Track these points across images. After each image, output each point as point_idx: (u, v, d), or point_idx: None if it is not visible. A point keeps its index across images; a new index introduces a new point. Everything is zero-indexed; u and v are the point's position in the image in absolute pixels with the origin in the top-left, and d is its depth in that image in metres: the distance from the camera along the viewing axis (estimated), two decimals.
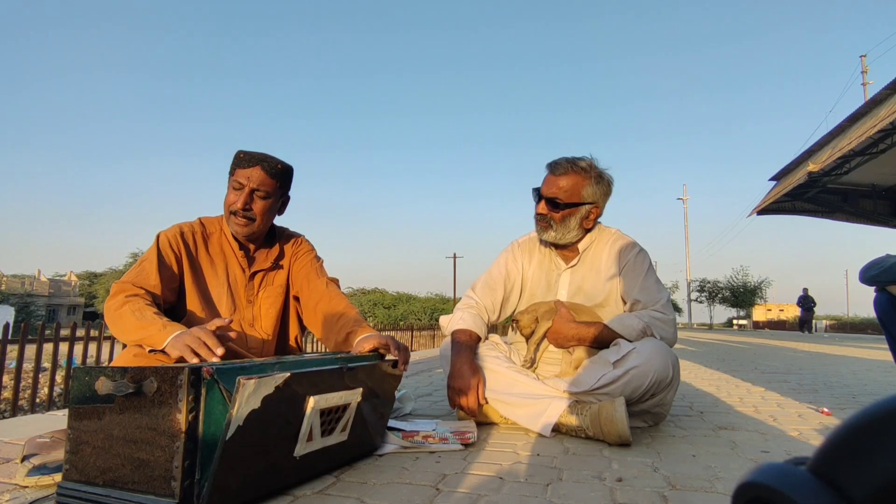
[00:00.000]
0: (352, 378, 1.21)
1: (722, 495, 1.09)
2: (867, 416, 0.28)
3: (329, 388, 1.14)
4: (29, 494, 1.06)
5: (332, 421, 1.17)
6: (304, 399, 1.08)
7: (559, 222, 1.81)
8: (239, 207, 1.56)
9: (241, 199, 1.55)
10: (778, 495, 0.29)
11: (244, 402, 0.92)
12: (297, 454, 1.09)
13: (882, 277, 1.83)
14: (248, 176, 1.56)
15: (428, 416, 1.92)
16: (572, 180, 1.78)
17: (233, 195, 1.57)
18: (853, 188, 11.91)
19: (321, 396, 1.10)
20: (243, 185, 1.56)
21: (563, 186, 1.78)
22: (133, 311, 1.37)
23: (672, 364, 1.64)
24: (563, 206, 1.79)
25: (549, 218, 1.81)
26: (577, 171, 1.78)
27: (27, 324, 4.63)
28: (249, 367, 1.04)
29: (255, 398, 0.94)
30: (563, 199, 1.78)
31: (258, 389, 0.94)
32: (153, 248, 1.53)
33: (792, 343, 9.35)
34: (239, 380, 0.91)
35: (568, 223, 1.81)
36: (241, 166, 1.56)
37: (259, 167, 1.56)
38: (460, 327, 1.83)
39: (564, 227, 1.81)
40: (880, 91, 8.11)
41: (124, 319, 1.37)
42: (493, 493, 1.09)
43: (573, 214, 1.80)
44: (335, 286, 1.71)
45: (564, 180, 1.78)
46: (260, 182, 1.56)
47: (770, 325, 43.73)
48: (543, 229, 1.84)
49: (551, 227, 1.82)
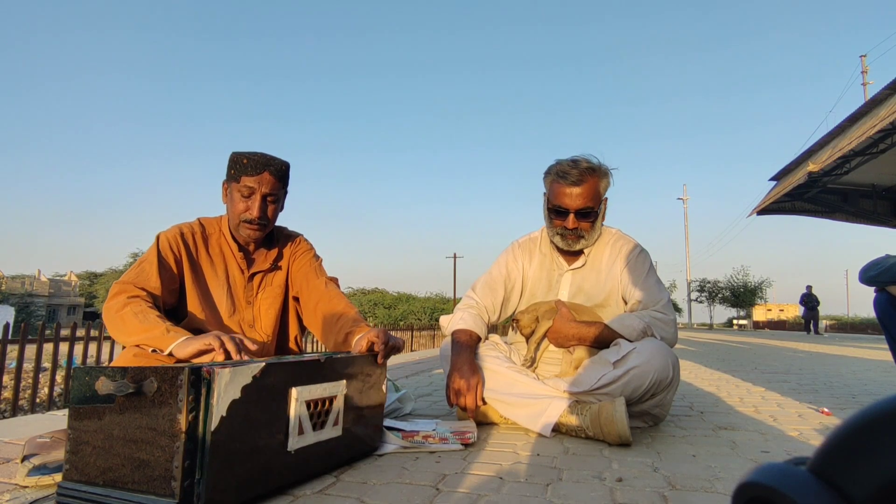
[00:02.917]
0: (332, 369, 1.23)
1: (722, 495, 1.09)
2: (867, 416, 0.28)
3: (310, 379, 1.16)
4: (29, 494, 1.06)
5: (322, 414, 1.19)
6: (286, 390, 1.10)
7: (590, 229, 1.81)
8: (256, 216, 1.53)
9: (258, 207, 1.52)
10: (778, 495, 0.29)
11: (223, 390, 0.94)
12: (292, 448, 1.10)
13: (882, 278, 1.83)
14: (257, 182, 1.52)
15: (428, 416, 1.92)
16: (591, 185, 1.76)
17: (243, 203, 1.53)
18: (853, 188, 11.90)
19: (304, 388, 1.13)
20: (253, 192, 1.53)
21: (586, 194, 1.75)
22: (135, 312, 1.35)
23: (672, 364, 1.64)
24: (594, 212, 1.79)
25: (579, 230, 1.79)
26: (590, 173, 1.76)
27: (27, 324, 4.63)
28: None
29: (234, 387, 0.97)
30: (592, 206, 1.77)
31: (234, 378, 0.97)
32: (153, 248, 1.51)
33: (792, 343, 9.35)
34: (214, 369, 0.94)
35: (596, 226, 1.83)
36: (248, 173, 1.52)
37: (267, 172, 1.53)
38: (460, 327, 1.83)
39: (594, 231, 1.83)
40: (880, 91, 8.10)
41: (126, 321, 1.35)
42: (493, 493, 1.09)
43: (599, 216, 1.82)
44: (334, 286, 1.71)
45: (586, 188, 1.75)
46: (271, 187, 1.55)
47: (770, 325, 43.72)
48: (574, 241, 1.81)
49: (583, 238, 1.81)
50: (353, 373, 1.31)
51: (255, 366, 1.02)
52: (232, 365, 0.99)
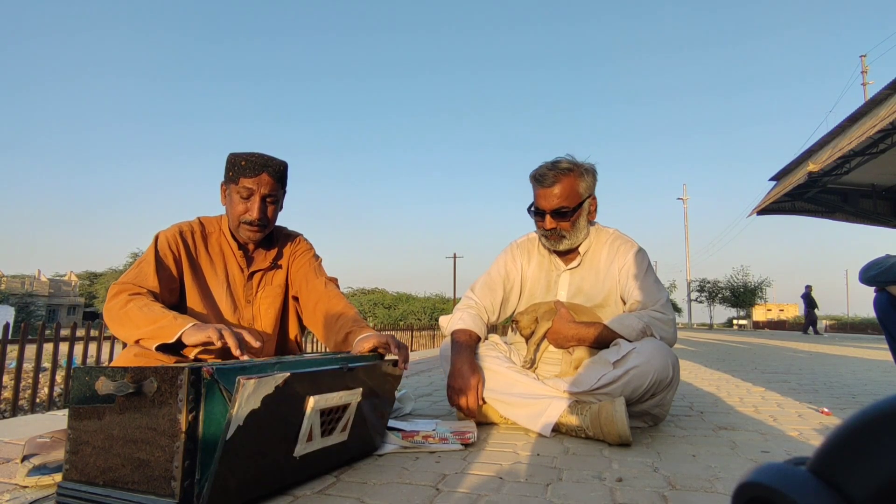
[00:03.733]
0: (352, 378, 1.21)
1: (722, 495, 1.09)
2: (867, 416, 0.27)
3: (329, 388, 1.13)
4: (29, 494, 1.06)
5: (333, 421, 1.17)
6: (303, 399, 1.07)
7: (571, 229, 1.81)
8: (256, 217, 1.53)
9: (257, 209, 1.53)
10: (778, 495, 0.29)
11: (244, 402, 0.92)
12: (297, 454, 1.09)
13: (882, 277, 1.83)
14: (256, 183, 1.53)
15: (428, 416, 1.92)
16: (566, 185, 1.77)
17: (242, 205, 1.54)
18: (853, 188, 11.90)
19: (321, 396, 1.10)
20: (252, 193, 1.53)
21: (561, 194, 1.77)
22: (139, 307, 1.36)
23: (672, 364, 1.64)
24: (571, 211, 1.79)
25: (559, 230, 1.80)
26: (565, 173, 1.77)
27: (27, 324, 4.63)
28: (249, 368, 1.03)
29: (255, 398, 0.94)
30: (568, 206, 1.78)
31: (258, 389, 0.94)
32: (151, 248, 1.52)
33: (792, 343, 9.35)
34: (239, 380, 0.91)
35: (578, 225, 1.82)
36: (247, 175, 1.52)
37: (266, 173, 1.54)
38: (460, 327, 1.83)
39: (576, 230, 1.82)
40: (880, 91, 8.10)
41: (131, 316, 1.35)
42: (493, 493, 1.09)
43: (580, 215, 1.82)
44: (334, 286, 1.71)
45: (559, 188, 1.77)
46: (270, 188, 1.55)
47: (770, 325, 43.73)
48: (557, 241, 1.83)
49: (565, 238, 1.82)
50: (371, 380, 1.29)
51: (279, 376, 0.99)
52: (257, 375, 0.96)
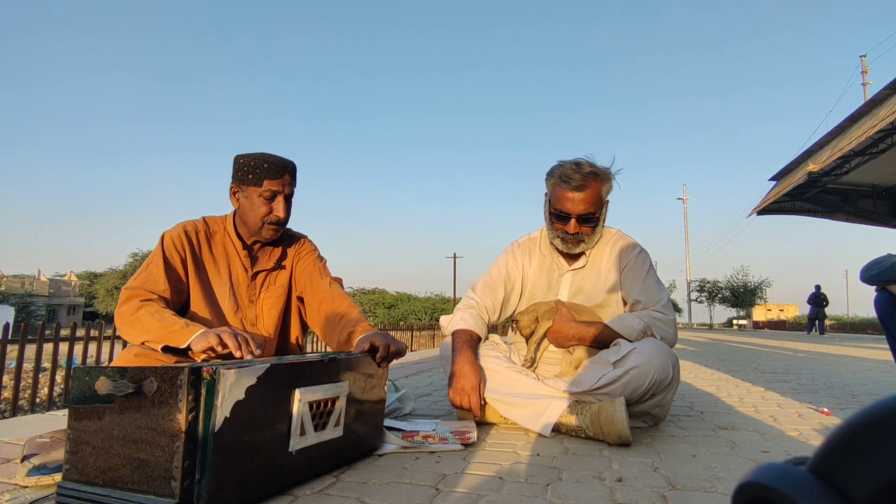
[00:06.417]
0: (335, 371, 1.24)
1: (722, 495, 1.09)
2: (867, 416, 0.27)
3: (314, 380, 1.16)
4: (29, 494, 1.06)
5: (324, 415, 1.19)
6: (290, 392, 1.10)
7: (591, 234, 1.81)
8: (284, 217, 1.58)
9: (283, 209, 1.57)
10: (778, 495, 0.29)
11: (227, 392, 0.94)
12: (293, 449, 1.10)
13: (883, 277, 1.83)
14: (280, 184, 1.57)
15: (428, 416, 1.92)
16: (594, 190, 1.75)
17: (266, 206, 1.56)
18: (853, 188, 11.91)
19: (307, 389, 1.13)
20: (277, 194, 1.57)
21: (589, 199, 1.74)
22: (151, 313, 1.38)
23: (672, 364, 1.64)
24: (597, 218, 1.79)
25: (580, 234, 1.79)
26: (593, 177, 1.75)
27: (27, 324, 4.63)
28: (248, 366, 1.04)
29: (238, 388, 0.97)
30: (594, 211, 1.77)
31: (240, 380, 0.97)
32: (158, 250, 1.53)
33: (792, 343, 9.35)
34: (219, 370, 0.93)
35: (596, 230, 1.82)
36: (271, 176, 1.55)
37: (288, 175, 1.59)
38: (460, 327, 1.83)
39: (595, 235, 1.83)
40: (880, 91, 8.10)
41: (143, 322, 1.37)
42: (493, 493, 1.09)
43: (601, 220, 1.82)
44: (338, 286, 1.72)
45: (588, 193, 1.74)
46: (291, 188, 1.61)
47: (770, 326, 43.71)
48: (575, 245, 1.81)
49: (583, 242, 1.81)
50: (356, 374, 1.31)
51: (259, 367, 1.02)
52: (237, 366, 0.99)
